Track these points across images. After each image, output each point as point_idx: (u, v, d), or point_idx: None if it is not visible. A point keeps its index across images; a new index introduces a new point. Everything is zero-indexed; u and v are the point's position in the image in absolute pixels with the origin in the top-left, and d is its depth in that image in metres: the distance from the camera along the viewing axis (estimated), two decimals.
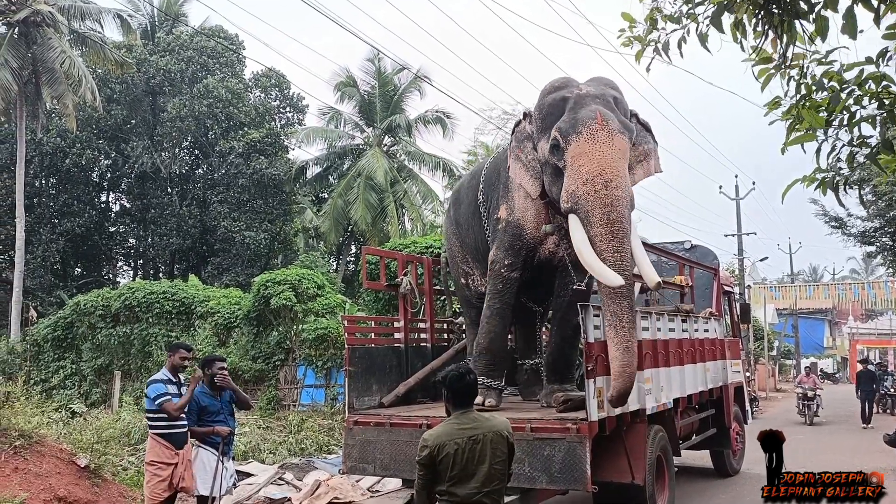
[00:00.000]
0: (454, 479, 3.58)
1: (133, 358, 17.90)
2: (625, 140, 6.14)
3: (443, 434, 3.65)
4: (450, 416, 3.79)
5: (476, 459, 3.60)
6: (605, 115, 6.14)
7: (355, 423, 6.80)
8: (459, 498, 3.59)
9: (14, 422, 6.40)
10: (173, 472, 5.96)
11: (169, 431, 6.01)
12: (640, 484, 6.62)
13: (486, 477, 3.60)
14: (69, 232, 26.68)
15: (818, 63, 3.25)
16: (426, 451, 3.61)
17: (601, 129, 6.07)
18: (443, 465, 3.58)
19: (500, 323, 7.09)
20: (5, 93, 20.42)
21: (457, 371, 3.86)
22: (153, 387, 6.04)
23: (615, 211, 5.93)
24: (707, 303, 10.07)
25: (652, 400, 7.12)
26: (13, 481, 5.87)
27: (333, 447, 11.14)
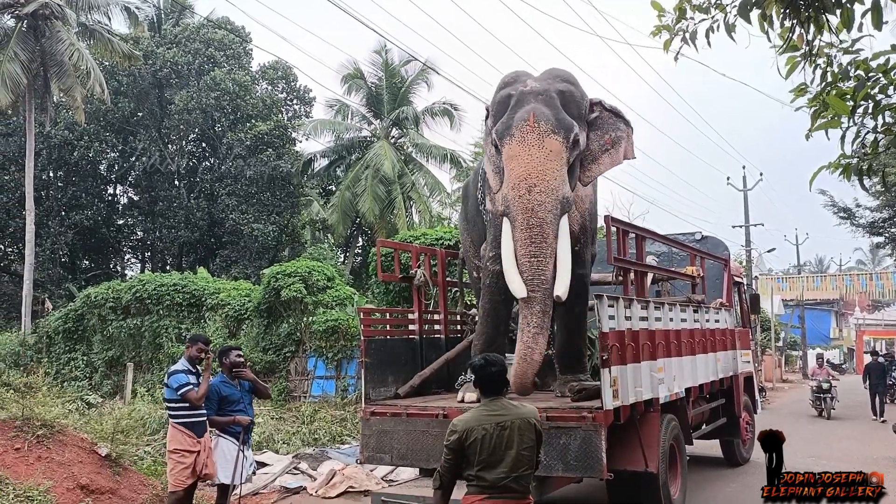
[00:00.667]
0: (482, 463, 3.67)
1: (144, 350, 18.01)
2: (557, 141, 6.06)
3: (471, 420, 3.76)
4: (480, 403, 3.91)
5: (504, 445, 3.69)
6: (537, 115, 6.08)
7: (372, 413, 6.86)
8: (488, 482, 3.68)
9: (37, 412, 6.51)
10: (196, 459, 6.09)
11: (190, 420, 6.13)
12: (653, 472, 6.70)
13: (514, 462, 3.69)
14: (77, 225, 26.82)
15: (844, 52, 3.31)
16: (455, 436, 3.72)
17: (531, 130, 6.05)
18: (471, 450, 3.68)
19: (492, 322, 7.16)
20: (15, 86, 20.49)
21: (483, 360, 3.99)
22: (175, 377, 6.14)
23: (535, 217, 5.94)
24: (718, 293, 10.12)
25: (665, 389, 7.18)
26: (37, 470, 5.98)
27: (346, 437, 11.25)
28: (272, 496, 8.44)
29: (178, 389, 6.02)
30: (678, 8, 3.36)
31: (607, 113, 6.70)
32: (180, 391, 6.02)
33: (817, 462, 10.35)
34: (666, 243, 9.09)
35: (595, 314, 6.23)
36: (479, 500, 3.69)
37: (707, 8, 3.28)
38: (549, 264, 5.98)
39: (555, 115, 6.12)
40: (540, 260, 5.95)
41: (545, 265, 5.96)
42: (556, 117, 6.10)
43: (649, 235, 8.00)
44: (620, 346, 6.36)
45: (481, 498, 3.69)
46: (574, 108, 6.38)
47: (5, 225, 26.83)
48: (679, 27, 3.35)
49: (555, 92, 6.28)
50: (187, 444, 6.08)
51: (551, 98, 6.22)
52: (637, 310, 6.85)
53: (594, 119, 6.68)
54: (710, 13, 3.28)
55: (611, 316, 6.31)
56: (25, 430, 6.35)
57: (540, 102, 6.19)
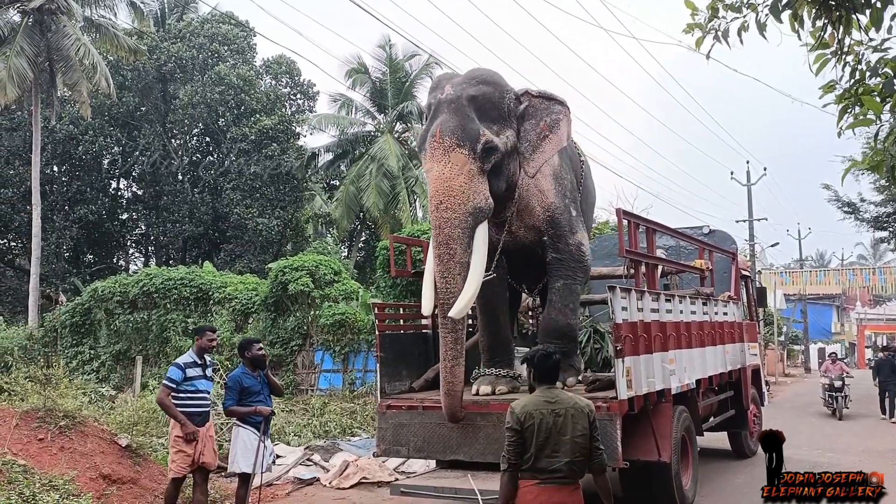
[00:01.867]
0: (539, 447, 3.87)
1: (151, 343, 18.09)
2: (462, 154, 5.98)
3: (529, 404, 3.96)
4: (533, 392, 4.12)
5: (558, 431, 3.89)
6: (443, 129, 6.04)
7: (388, 407, 6.93)
8: (541, 467, 3.87)
9: (58, 403, 6.60)
10: (195, 447, 6.22)
11: (189, 410, 6.27)
12: (666, 462, 6.81)
13: (569, 449, 3.88)
14: (82, 219, 26.86)
15: (873, 50, 3.38)
16: (514, 418, 3.92)
17: (437, 146, 6.04)
18: (528, 433, 3.88)
19: (491, 317, 7.13)
20: (21, 80, 20.53)
21: (544, 351, 4.22)
22: (171, 369, 6.37)
23: (441, 233, 5.96)
24: (725, 286, 10.21)
25: (676, 380, 7.27)
26: (60, 460, 6.07)
27: (357, 430, 11.35)
28: (286, 487, 8.54)
29: (165, 381, 6.26)
30: (711, 7, 3.44)
31: (537, 100, 6.63)
32: (164, 382, 6.28)
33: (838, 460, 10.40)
34: (675, 236, 9.18)
35: (609, 305, 6.31)
36: (532, 484, 3.87)
37: (739, 7, 3.35)
38: (459, 281, 5.93)
39: (461, 125, 6.05)
40: (447, 279, 5.93)
41: (453, 283, 5.93)
42: (462, 128, 6.03)
43: (659, 228, 8.09)
44: (633, 338, 6.45)
45: (534, 483, 3.87)
46: (492, 109, 6.29)
47: (10, 220, 26.89)
48: (711, 25, 3.43)
49: (466, 99, 6.18)
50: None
51: (461, 106, 6.14)
52: (648, 302, 6.94)
53: (525, 110, 6.58)
54: (741, 12, 3.36)
55: (623, 308, 6.41)
56: (48, 422, 6.45)
57: (451, 112, 6.12)
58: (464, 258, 5.98)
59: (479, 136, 6.06)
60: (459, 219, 5.93)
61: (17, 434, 6.14)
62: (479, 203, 6.05)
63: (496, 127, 6.28)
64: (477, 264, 6.06)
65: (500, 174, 6.36)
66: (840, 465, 10.27)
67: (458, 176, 5.97)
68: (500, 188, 6.40)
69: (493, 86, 6.40)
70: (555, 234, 6.80)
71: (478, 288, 6.09)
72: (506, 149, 6.32)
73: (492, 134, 6.18)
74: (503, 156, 6.30)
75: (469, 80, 6.40)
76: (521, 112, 6.57)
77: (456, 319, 5.96)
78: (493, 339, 7.12)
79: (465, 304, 5.94)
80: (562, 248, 6.80)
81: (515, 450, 3.91)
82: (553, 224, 6.80)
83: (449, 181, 5.96)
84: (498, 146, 6.20)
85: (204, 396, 6.43)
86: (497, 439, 6.28)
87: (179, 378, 6.26)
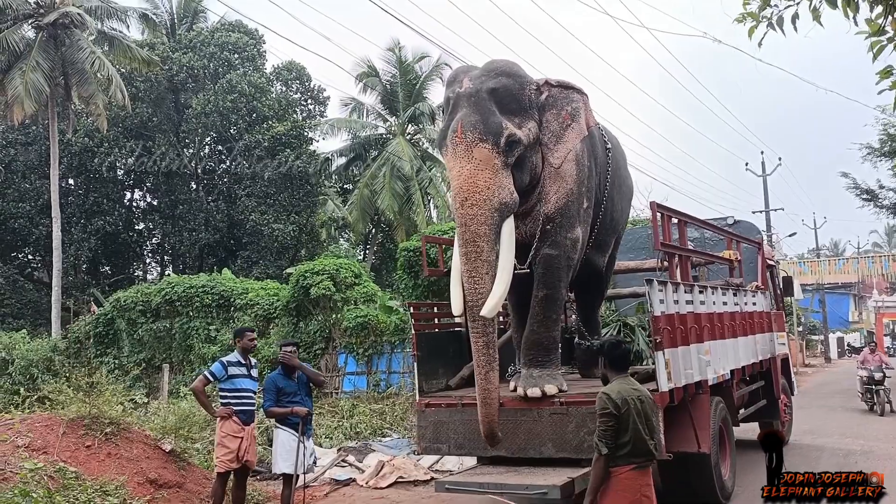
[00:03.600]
0: (635, 431, 4.07)
1: (174, 351, 18.21)
2: (486, 148, 5.93)
3: (622, 391, 4.15)
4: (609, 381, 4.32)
5: (644, 415, 4.14)
6: (464, 125, 5.99)
7: (427, 405, 6.96)
8: (635, 450, 4.09)
9: (104, 410, 6.69)
10: (240, 445, 6.39)
11: (237, 408, 6.46)
12: (706, 453, 6.84)
13: (651, 429, 4.19)
14: (99, 231, 27.07)
15: None
16: (613, 404, 4.08)
17: (460, 142, 5.99)
18: (625, 416, 4.05)
19: (520, 316, 7.02)
20: (38, 95, 20.73)
21: (614, 340, 4.55)
22: (215, 364, 6.61)
23: (468, 231, 5.90)
24: (752, 276, 10.22)
25: (712, 371, 7.30)
26: (108, 466, 6.15)
27: (387, 430, 11.40)
28: (324, 488, 8.60)
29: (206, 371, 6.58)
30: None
31: (556, 89, 6.56)
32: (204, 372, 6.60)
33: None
34: (705, 228, 9.19)
35: (646, 298, 6.34)
36: (628, 470, 4.06)
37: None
38: (487, 280, 5.87)
39: (483, 120, 5.99)
40: (475, 279, 5.87)
41: (481, 283, 5.86)
42: (484, 123, 5.98)
43: (690, 220, 8.11)
44: (671, 330, 6.48)
45: (630, 468, 4.06)
46: (512, 101, 6.24)
47: (28, 233, 27.13)
48: (763, 14, 3.46)
49: (486, 92, 6.13)
50: (232, 430, 6.42)
51: (481, 100, 6.09)
52: (683, 294, 6.97)
53: (546, 100, 6.52)
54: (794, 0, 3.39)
55: (661, 300, 6.44)
56: (93, 429, 6.53)
57: (470, 106, 6.08)
58: (491, 256, 5.93)
59: (503, 129, 6.02)
60: (485, 215, 5.88)
61: (64, 441, 6.22)
62: (505, 198, 5.99)
63: (518, 119, 6.23)
64: (505, 262, 6.01)
65: (524, 167, 6.33)
66: (873, 452, 10.26)
67: (483, 171, 5.92)
68: (524, 181, 6.35)
69: (512, 77, 6.35)
70: (559, 223, 6.60)
71: (507, 286, 6.03)
72: (528, 141, 6.27)
73: (514, 127, 6.13)
74: (526, 148, 6.26)
75: (488, 72, 6.35)
76: (541, 102, 6.50)
77: (487, 321, 5.88)
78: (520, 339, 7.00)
79: (496, 303, 5.87)
80: (559, 243, 6.58)
81: (613, 434, 4.06)
82: (563, 212, 6.60)
83: (473, 177, 5.91)
84: (521, 139, 6.16)
85: (248, 395, 6.61)
86: (538, 434, 6.34)
87: (220, 373, 6.46)
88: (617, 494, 4.04)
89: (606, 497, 4.07)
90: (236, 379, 6.54)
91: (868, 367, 14.68)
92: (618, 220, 8.15)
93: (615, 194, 7.74)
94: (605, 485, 4.08)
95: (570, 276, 6.90)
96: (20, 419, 6.53)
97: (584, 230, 6.93)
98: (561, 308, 6.96)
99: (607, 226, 7.69)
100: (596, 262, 7.93)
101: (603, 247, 7.99)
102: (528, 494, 5.76)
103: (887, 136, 17.32)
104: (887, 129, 17.25)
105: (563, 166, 6.58)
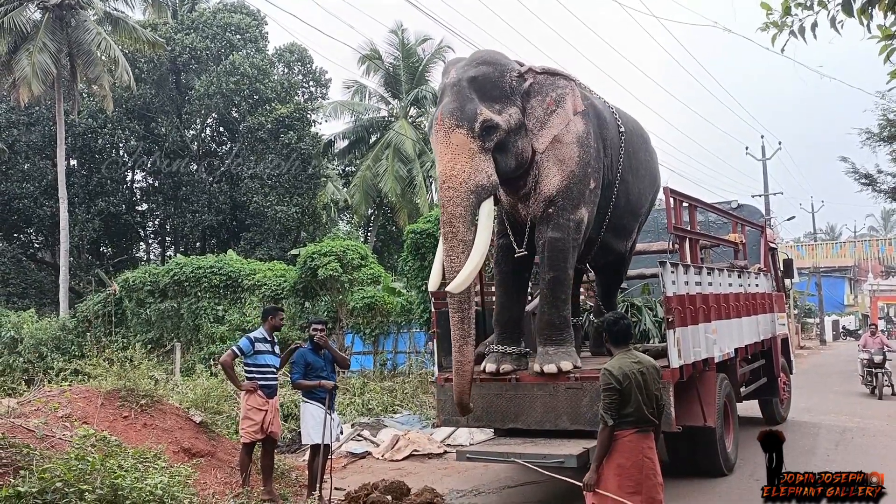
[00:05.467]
0: (637, 401, 4.35)
1: (182, 331, 18.49)
2: (461, 133, 6.15)
3: (623, 365, 4.41)
4: (613, 355, 4.60)
5: (644, 386, 4.40)
6: (443, 113, 6.25)
7: (446, 380, 7.20)
8: (636, 417, 4.37)
9: (138, 383, 6.99)
10: (264, 417, 6.70)
11: (261, 383, 6.78)
12: (711, 427, 7.18)
13: (652, 400, 4.44)
14: (103, 211, 27.23)
15: None
16: (615, 378, 4.35)
17: (440, 128, 6.25)
18: (627, 389, 4.33)
19: (503, 293, 7.27)
20: (45, 76, 20.83)
21: (612, 316, 4.76)
22: (242, 339, 6.92)
23: (446, 212, 6.17)
24: (755, 259, 10.51)
25: (717, 349, 7.61)
26: (145, 436, 6.46)
27: (397, 407, 11.73)
28: (341, 461, 8.92)
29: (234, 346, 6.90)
30: (784, 6, 3.78)
31: (542, 76, 6.71)
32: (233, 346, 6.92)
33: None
34: (711, 211, 9.46)
35: (660, 279, 6.63)
36: (631, 433, 4.37)
37: (811, 5, 3.68)
38: (462, 258, 6.09)
39: (460, 107, 6.22)
40: (451, 256, 6.14)
41: (457, 261, 6.11)
42: (461, 110, 6.20)
43: (699, 204, 8.38)
44: (682, 309, 6.78)
45: (633, 431, 4.37)
46: (493, 89, 6.42)
47: (32, 214, 27.27)
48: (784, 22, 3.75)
49: (467, 80, 6.34)
50: (257, 403, 6.73)
51: (462, 89, 6.32)
52: (693, 275, 7.26)
53: (530, 87, 6.65)
54: (813, 9, 3.68)
55: (673, 281, 6.74)
56: (129, 400, 6.84)
57: (452, 95, 6.33)
58: (467, 236, 6.17)
59: (477, 115, 6.22)
60: (461, 197, 6.11)
61: (103, 412, 6.52)
62: (482, 181, 6.20)
63: (498, 105, 6.40)
64: (480, 241, 6.23)
65: (507, 151, 6.49)
66: (868, 430, 10.62)
67: (459, 156, 6.16)
68: (509, 165, 6.54)
69: (492, 65, 6.53)
70: (562, 205, 6.74)
71: (478, 264, 6.24)
72: (508, 126, 6.43)
73: (492, 112, 6.31)
74: (507, 133, 6.43)
75: (471, 62, 6.59)
76: (525, 89, 6.64)
77: (463, 298, 6.14)
78: (504, 314, 7.24)
79: (464, 279, 6.06)
80: (562, 225, 6.73)
81: (617, 406, 4.35)
82: (565, 194, 6.74)
83: (451, 161, 6.17)
84: (499, 123, 6.33)
85: (272, 370, 6.92)
86: (554, 408, 6.65)
87: (247, 348, 6.77)
88: (621, 455, 4.35)
89: (611, 458, 4.38)
90: (261, 355, 6.85)
91: (869, 350, 14.75)
92: (636, 203, 8.15)
93: (630, 177, 7.81)
94: (609, 450, 4.39)
95: (576, 256, 7.07)
96: (58, 391, 6.82)
97: (589, 211, 7.05)
98: (569, 288, 7.14)
99: (622, 209, 7.76)
100: (615, 246, 8.08)
101: (621, 231, 8.07)
102: (546, 463, 6.06)
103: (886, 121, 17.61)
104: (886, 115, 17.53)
105: (561, 149, 6.76)
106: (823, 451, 9.09)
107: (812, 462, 8.26)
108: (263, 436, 6.73)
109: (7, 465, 4.75)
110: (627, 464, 4.34)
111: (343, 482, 7.52)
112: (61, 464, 4.60)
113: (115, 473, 4.65)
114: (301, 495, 6.92)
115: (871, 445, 9.46)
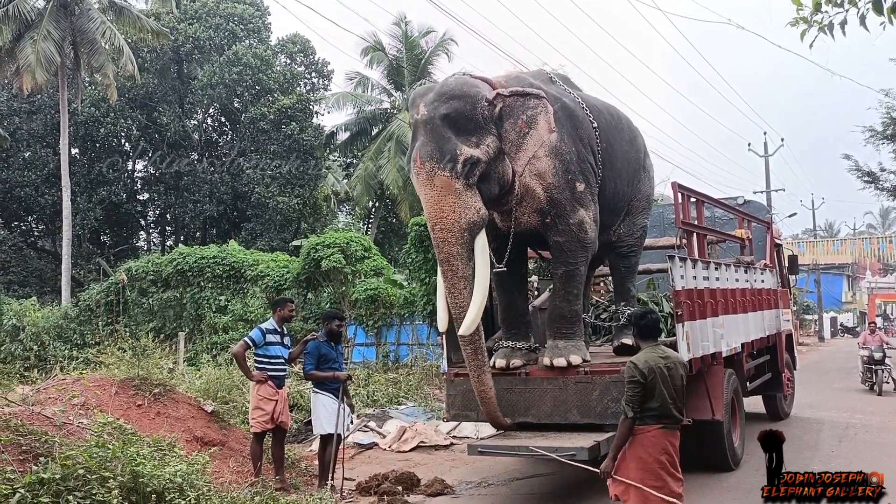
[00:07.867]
0: (662, 396, 4.40)
1: (185, 321, 18.50)
2: (445, 175, 6.04)
3: (649, 360, 4.47)
4: (641, 349, 4.65)
5: (671, 381, 4.47)
6: (422, 155, 6.11)
7: (455, 374, 7.24)
8: (662, 412, 4.43)
9: (151, 372, 7.04)
10: (274, 407, 6.82)
11: (271, 374, 6.89)
12: (720, 420, 7.26)
13: (678, 395, 4.50)
14: (104, 200, 27.19)
15: None
16: (639, 372, 4.40)
17: (421, 171, 6.13)
18: (652, 383, 4.39)
19: (503, 293, 7.32)
20: (49, 64, 20.78)
21: (641, 311, 4.85)
22: (254, 330, 7.05)
23: (442, 252, 6.17)
24: (761, 255, 10.57)
25: (725, 344, 7.68)
26: (159, 424, 6.52)
27: (402, 399, 11.78)
28: (349, 451, 8.95)
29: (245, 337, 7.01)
30: (815, 3, 3.83)
31: (510, 99, 6.53)
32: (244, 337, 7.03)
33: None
34: (718, 207, 9.51)
35: (669, 274, 6.69)
36: (655, 429, 4.42)
37: (841, 2, 3.74)
38: (466, 294, 6.14)
39: (438, 148, 6.09)
40: (454, 294, 6.17)
41: (460, 297, 6.14)
42: (440, 151, 6.08)
43: (706, 200, 8.42)
44: (690, 304, 6.84)
45: (657, 427, 4.42)
46: (467, 123, 6.25)
47: (33, 202, 27.24)
48: (815, 19, 3.80)
49: (440, 118, 6.18)
50: (267, 393, 6.84)
51: (436, 127, 6.17)
52: (701, 270, 7.32)
53: (501, 111, 6.47)
54: (843, 6, 3.73)
55: (681, 276, 6.80)
56: (143, 389, 6.90)
57: (426, 135, 6.19)
58: (467, 272, 6.18)
59: (458, 154, 6.10)
60: (456, 236, 6.10)
61: (117, 401, 6.58)
62: (472, 217, 6.16)
63: (475, 138, 6.26)
64: (480, 278, 6.23)
65: (490, 179, 6.41)
66: (870, 425, 10.71)
67: (445, 197, 6.07)
68: (493, 192, 6.47)
69: (463, 99, 6.33)
70: (556, 213, 6.76)
71: (483, 303, 6.26)
72: (488, 157, 6.33)
73: (471, 148, 6.19)
74: (488, 164, 6.34)
75: (440, 96, 6.35)
76: (497, 114, 6.49)
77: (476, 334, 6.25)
78: (508, 312, 7.32)
79: (472, 320, 6.13)
80: (563, 230, 6.77)
81: (640, 400, 4.40)
82: (554, 204, 6.74)
83: (438, 203, 6.09)
84: (480, 158, 6.23)
85: (281, 361, 7.02)
86: (564, 401, 6.70)
87: (259, 339, 6.87)
88: (643, 449, 4.40)
89: (632, 450, 4.43)
90: (271, 346, 6.94)
91: (868, 348, 14.81)
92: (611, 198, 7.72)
93: (606, 172, 7.52)
94: (631, 442, 4.44)
95: (590, 253, 7.05)
96: (73, 379, 6.87)
97: (590, 209, 6.99)
98: (581, 283, 7.15)
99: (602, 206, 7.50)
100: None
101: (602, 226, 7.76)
102: (557, 457, 6.11)
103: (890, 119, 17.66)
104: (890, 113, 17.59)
105: (536, 164, 6.64)
106: (827, 446, 9.17)
107: (816, 457, 8.34)
108: (274, 425, 6.84)
109: (27, 452, 4.79)
110: (649, 458, 4.40)
111: (352, 472, 7.58)
112: (82, 451, 4.65)
113: (135, 461, 4.70)
114: (312, 485, 6.99)
115: (875, 441, 9.55)
